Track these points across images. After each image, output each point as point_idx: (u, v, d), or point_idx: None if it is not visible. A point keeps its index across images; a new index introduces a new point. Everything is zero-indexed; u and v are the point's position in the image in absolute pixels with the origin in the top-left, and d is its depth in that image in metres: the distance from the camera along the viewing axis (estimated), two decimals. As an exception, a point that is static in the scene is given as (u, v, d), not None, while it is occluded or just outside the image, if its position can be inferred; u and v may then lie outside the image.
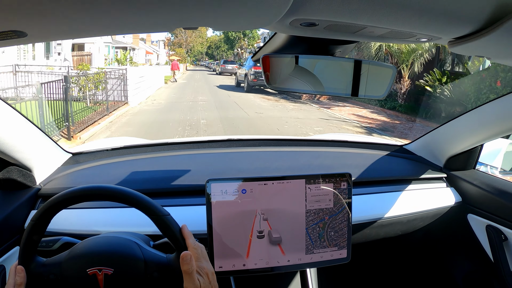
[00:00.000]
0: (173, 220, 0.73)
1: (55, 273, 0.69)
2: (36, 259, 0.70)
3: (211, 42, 66.19)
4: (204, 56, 72.71)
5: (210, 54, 69.16)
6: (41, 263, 0.70)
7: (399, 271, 1.59)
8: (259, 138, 1.55)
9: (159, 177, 1.17)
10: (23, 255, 0.69)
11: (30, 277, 0.68)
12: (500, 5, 0.46)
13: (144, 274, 0.70)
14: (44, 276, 0.69)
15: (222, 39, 59.54)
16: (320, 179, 0.96)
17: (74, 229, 0.95)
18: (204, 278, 0.69)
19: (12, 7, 0.38)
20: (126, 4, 0.41)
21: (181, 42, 57.57)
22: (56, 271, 0.69)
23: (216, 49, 63.37)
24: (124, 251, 0.72)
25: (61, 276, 0.69)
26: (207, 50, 69.28)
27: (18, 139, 0.94)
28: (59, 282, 0.69)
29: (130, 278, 0.70)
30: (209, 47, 67.64)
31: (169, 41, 59.47)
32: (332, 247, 0.98)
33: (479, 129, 1.18)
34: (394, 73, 0.82)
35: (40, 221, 0.69)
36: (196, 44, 62.30)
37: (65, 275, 0.69)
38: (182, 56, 52.29)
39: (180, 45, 57.52)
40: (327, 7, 0.49)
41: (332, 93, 0.80)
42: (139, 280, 0.70)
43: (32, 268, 0.69)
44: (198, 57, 73.42)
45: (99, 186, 0.72)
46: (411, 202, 1.24)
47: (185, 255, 0.67)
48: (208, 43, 67.04)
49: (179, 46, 57.32)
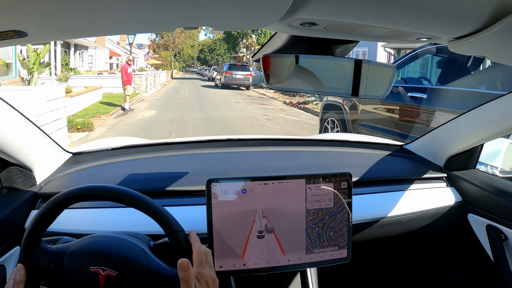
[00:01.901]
0: (185, 237, 0.73)
1: (56, 262, 0.68)
2: (40, 244, 0.69)
3: (204, 45, 57.77)
4: (195, 61, 64.58)
5: (202, 59, 60.77)
6: (44, 250, 0.70)
7: (399, 271, 1.59)
8: (259, 138, 1.55)
9: (159, 177, 1.16)
10: (23, 255, 0.69)
11: (29, 266, 0.67)
12: (500, 5, 0.46)
13: (146, 283, 0.69)
14: (43, 263, 0.68)
15: (217, 40, 49.79)
16: (320, 179, 0.96)
17: (74, 229, 0.95)
18: (202, 285, 0.67)
19: (12, 7, 0.38)
20: (126, 4, 0.41)
21: (167, 44, 49.03)
22: (57, 261, 0.68)
23: (210, 52, 53.69)
24: (131, 256, 0.71)
25: (62, 267, 0.68)
26: (198, 55, 60.80)
27: (19, 139, 0.94)
28: (58, 273, 0.68)
29: (132, 284, 0.69)
30: (201, 51, 58.97)
31: (153, 43, 50.59)
32: (332, 247, 0.98)
33: (479, 129, 1.18)
34: (395, 72, 0.82)
35: (40, 221, 0.69)
36: (185, 47, 54.28)
37: (66, 267, 0.68)
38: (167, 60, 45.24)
39: (167, 47, 49.30)
40: (327, 7, 0.49)
41: (332, 93, 0.81)
42: (140, 287, 0.69)
43: (34, 252, 0.68)
44: (189, 63, 65.54)
45: (104, 186, 0.72)
46: (411, 202, 1.24)
47: (181, 263, 0.65)
48: (200, 46, 59.04)
49: (166, 48, 49.18)
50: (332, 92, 0.80)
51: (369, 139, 1.85)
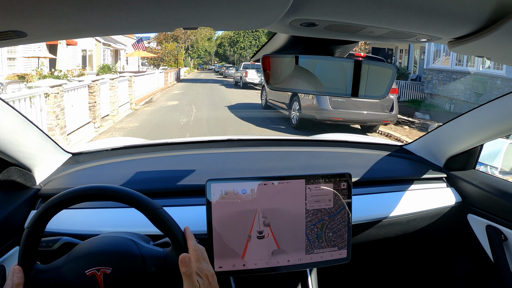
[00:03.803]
0: (166, 213, 0.73)
1: (55, 278, 0.69)
2: (35, 266, 0.70)
3: (223, 38, 49.38)
4: (212, 57, 56.12)
5: (221, 55, 52.76)
6: (40, 270, 0.70)
7: (399, 271, 1.59)
8: (259, 138, 1.55)
9: (159, 177, 1.16)
10: (23, 255, 0.69)
11: (30, 284, 0.68)
12: (500, 5, 0.46)
13: (143, 270, 0.71)
14: (44, 282, 0.69)
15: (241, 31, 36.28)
16: (320, 179, 0.96)
17: (74, 229, 0.95)
18: (203, 280, 0.69)
19: (12, 7, 0.38)
20: (126, 4, 0.41)
21: (177, 34, 37.00)
22: (55, 276, 0.69)
23: (232, 46, 44.79)
24: (121, 249, 0.72)
25: (61, 280, 0.69)
26: (217, 49, 52.47)
27: (18, 139, 0.94)
28: (59, 287, 0.69)
29: (129, 275, 0.70)
30: (220, 45, 50.89)
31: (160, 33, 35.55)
32: (332, 248, 0.98)
33: (479, 129, 1.18)
34: (394, 73, 0.82)
35: (40, 221, 0.69)
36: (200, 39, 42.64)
37: (65, 279, 0.69)
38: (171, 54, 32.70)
39: (176, 38, 37.68)
40: (327, 7, 0.49)
41: (332, 93, 0.80)
42: (138, 276, 0.70)
43: (32, 275, 0.69)
44: (205, 59, 56.17)
45: (98, 186, 0.73)
46: (411, 202, 1.24)
47: (183, 258, 0.67)
48: (219, 40, 51.42)
49: (175, 39, 37.42)
50: (332, 92, 0.80)
51: (369, 139, 1.85)
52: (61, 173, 1.15)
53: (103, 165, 1.23)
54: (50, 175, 1.13)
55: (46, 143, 1.11)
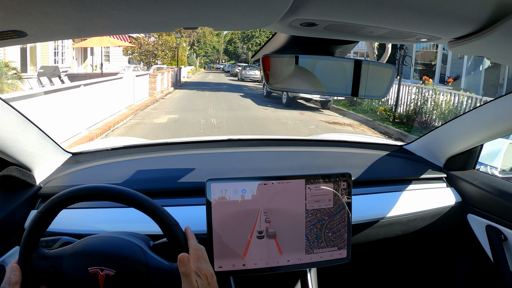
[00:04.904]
0: (180, 230, 0.73)
1: (54, 266, 0.69)
2: (38, 250, 0.70)
3: (233, 34, 44.07)
4: (221, 55, 51.08)
5: (230, 52, 46.84)
6: (42, 255, 0.70)
7: (399, 271, 1.59)
8: (259, 138, 1.55)
9: (159, 177, 1.16)
10: (23, 255, 0.69)
11: (28, 268, 0.67)
12: (500, 5, 0.46)
13: (145, 280, 0.70)
14: (42, 268, 0.68)
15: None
16: (320, 179, 0.96)
17: (74, 229, 0.95)
18: (202, 280, 0.69)
19: (12, 7, 0.38)
20: (126, 4, 0.41)
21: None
22: (56, 265, 0.69)
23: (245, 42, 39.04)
24: (128, 254, 0.71)
25: (61, 270, 0.68)
26: (226, 46, 46.86)
27: (18, 139, 0.94)
28: (57, 276, 0.68)
29: (131, 282, 0.69)
30: (230, 42, 45.47)
31: None
32: (331, 247, 0.98)
33: (479, 129, 1.18)
34: (394, 73, 0.82)
35: (40, 220, 0.69)
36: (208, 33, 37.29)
37: (65, 270, 0.68)
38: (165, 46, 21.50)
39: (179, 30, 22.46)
40: (327, 7, 0.49)
41: (332, 93, 0.80)
42: (140, 285, 0.69)
43: (32, 258, 0.68)
44: (213, 57, 50.83)
45: (99, 186, 0.72)
46: (411, 202, 1.24)
47: (182, 257, 0.67)
48: (229, 36, 46.42)
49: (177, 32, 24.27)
50: (332, 92, 0.80)
51: (369, 139, 1.85)
52: (61, 173, 1.15)
53: (103, 164, 1.23)
54: (50, 174, 1.13)
55: (46, 143, 1.11)
